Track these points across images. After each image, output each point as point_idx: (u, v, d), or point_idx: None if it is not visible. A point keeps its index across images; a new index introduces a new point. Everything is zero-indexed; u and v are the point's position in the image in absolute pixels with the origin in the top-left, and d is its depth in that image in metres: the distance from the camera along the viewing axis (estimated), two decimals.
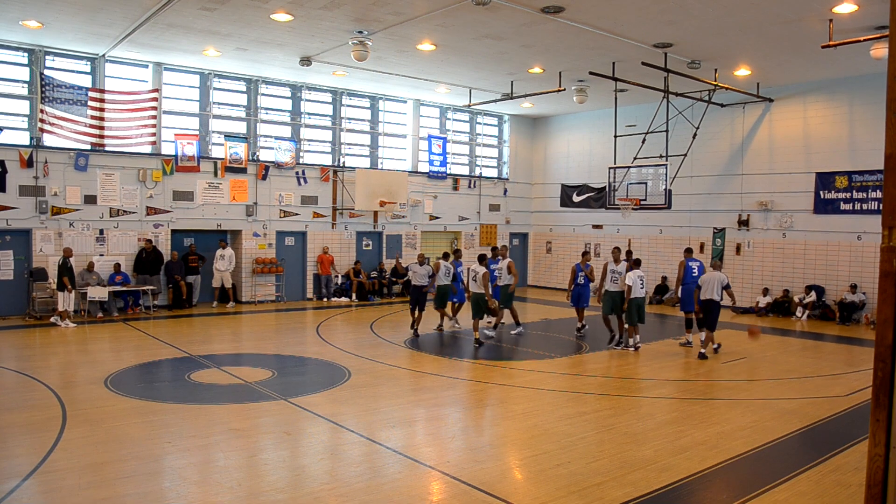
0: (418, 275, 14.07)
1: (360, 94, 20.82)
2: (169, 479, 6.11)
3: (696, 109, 18.48)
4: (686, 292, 13.08)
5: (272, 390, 9.18)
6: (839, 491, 6.04)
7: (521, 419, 8.18)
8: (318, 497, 5.68)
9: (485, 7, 11.72)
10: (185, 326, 15.00)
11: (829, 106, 17.54)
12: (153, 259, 16.75)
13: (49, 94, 15.18)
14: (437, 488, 5.99)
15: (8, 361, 10.85)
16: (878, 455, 2.46)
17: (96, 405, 8.37)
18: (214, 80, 18.07)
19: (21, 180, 15.31)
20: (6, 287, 15.38)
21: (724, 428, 7.90)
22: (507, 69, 16.80)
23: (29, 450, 6.66)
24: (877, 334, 2.50)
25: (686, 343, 13.28)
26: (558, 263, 24.30)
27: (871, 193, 16.63)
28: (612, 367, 11.41)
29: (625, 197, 17.03)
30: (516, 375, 10.66)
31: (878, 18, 12.02)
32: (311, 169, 19.78)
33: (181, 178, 17.48)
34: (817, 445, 7.37)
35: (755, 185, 18.98)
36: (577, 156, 23.75)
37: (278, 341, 13.32)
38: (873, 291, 16.08)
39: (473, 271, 13.15)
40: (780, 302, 18.08)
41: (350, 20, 12.97)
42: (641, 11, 12.04)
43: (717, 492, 6.10)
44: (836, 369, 11.51)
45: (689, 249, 13.77)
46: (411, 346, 12.89)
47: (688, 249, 13.76)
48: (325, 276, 19.64)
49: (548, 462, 6.61)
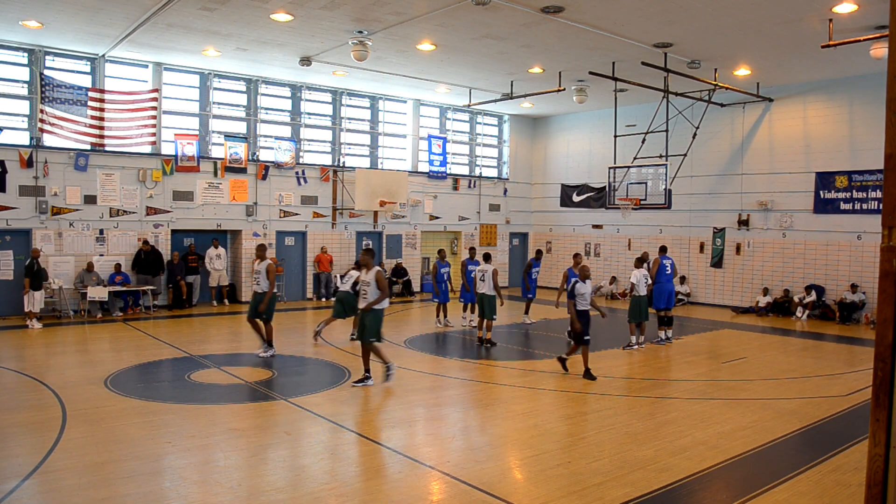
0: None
1: (360, 94, 20.82)
2: (169, 479, 6.10)
3: (695, 109, 18.48)
4: (658, 290, 13.40)
5: (272, 390, 9.17)
6: (839, 491, 6.04)
7: (521, 419, 8.18)
8: (318, 497, 5.68)
9: (485, 7, 11.72)
10: (184, 326, 14.99)
11: (829, 106, 17.54)
12: (153, 259, 16.74)
13: (49, 94, 15.18)
14: (437, 488, 5.99)
15: (8, 361, 10.85)
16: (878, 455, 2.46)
17: (96, 405, 8.36)
18: (214, 80, 18.07)
19: (21, 180, 15.31)
20: (6, 287, 15.37)
21: (724, 428, 7.90)
22: (506, 69, 16.80)
23: (29, 450, 6.66)
24: (877, 334, 2.50)
25: (665, 340, 13.50)
26: (558, 263, 24.29)
27: (871, 193, 16.63)
28: (612, 367, 11.40)
29: (625, 197, 17.04)
30: (516, 375, 10.66)
31: (878, 18, 12.02)
32: (311, 169, 19.78)
33: (181, 178, 17.48)
34: (817, 445, 7.37)
35: (755, 185, 18.98)
36: (577, 156, 23.75)
37: (278, 341, 13.30)
38: (873, 291, 16.08)
39: (481, 271, 13.13)
40: (780, 302, 18.07)
41: (350, 20, 12.97)
42: (641, 11, 12.04)
43: (717, 492, 6.10)
44: (835, 369, 11.50)
45: (664, 248, 14.15)
46: (410, 346, 12.88)
47: (662, 248, 14.13)
48: (324, 273, 19.64)
49: (548, 462, 6.61)
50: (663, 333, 13.57)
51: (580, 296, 10.44)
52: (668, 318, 13.58)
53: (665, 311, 13.43)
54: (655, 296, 13.36)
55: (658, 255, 13.79)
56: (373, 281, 9.50)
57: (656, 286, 13.36)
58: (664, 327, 13.61)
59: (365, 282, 9.59)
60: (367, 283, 9.54)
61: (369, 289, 9.49)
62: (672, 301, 13.58)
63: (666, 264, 13.51)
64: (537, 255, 16.62)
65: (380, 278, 9.55)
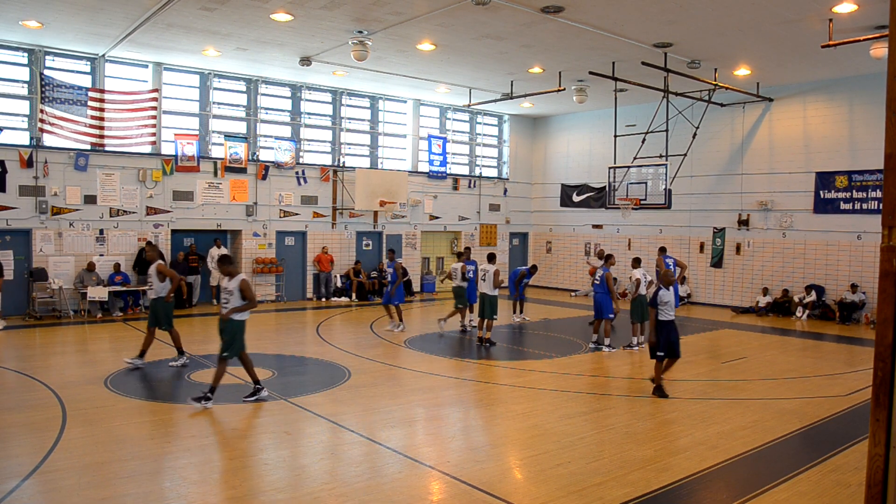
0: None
1: (360, 94, 20.82)
2: (169, 479, 6.10)
3: (695, 109, 18.48)
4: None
5: (272, 390, 9.17)
6: (839, 491, 6.04)
7: (521, 419, 8.18)
8: (318, 497, 5.68)
9: (485, 7, 11.72)
10: (185, 326, 14.96)
11: (829, 106, 17.54)
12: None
13: (49, 94, 15.18)
14: (437, 488, 5.99)
15: (8, 361, 10.85)
16: (878, 455, 2.46)
17: (96, 405, 8.36)
18: (214, 80, 18.07)
19: (21, 180, 15.31)
20: (6, 287, 15.33)
21: (724, 428, 7.90)
22: (507, 69, 16.80)
23: (29, 450, 6.66)
24: (877, 334, 2.50)
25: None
26: (559, 264, 24.30)
27: (871, 193, 16.63)
28: (612, 367, 11.41)
29: (625, 197, 17.04)
30: (516, 375, 10.66)
31: (878, 18, 12.02)
32: (311, 169, 19.77)
33: (181, 178, 17.48)
34: (817, 445, 7.37)
35: (755, 185, 18.98)
36: (577, 156, 23.75)
37: (278, 341, 13.31)
38: (873, 291, 16.07)
39: (483, 271, 13.12)
40: (780, 302, 18.07)
41: (350, 20, 12.96)
42: (641, 11, 12.04)
43: (717, 492, 6.10)
44: (835, 369, 11.50)
45: (663, 248, 14.21)
46: (410, 346, 12.89)
47: (661, 248, 14.18)
48: (324, 272, 19.65)
49: (548, 462, 6.61)
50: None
51: (664, 304, 9.29)
52: None
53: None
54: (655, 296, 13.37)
55: (658, 255, 13.82)
56: (236, 289, 8.46)
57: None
58: None
59: (227, 290, 8.51)
60: (230, 291, 8.46)
61: (232, 297, 8.46)
62: (676, 301, 13.50)
63: (669, 263, 13.56)
64: (532, 269, 16.82)
65: (245, 287, 8.49)
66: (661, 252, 13.94)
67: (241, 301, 8.49)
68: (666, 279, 9.62)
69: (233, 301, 8.48)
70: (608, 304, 12.75)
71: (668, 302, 9.32)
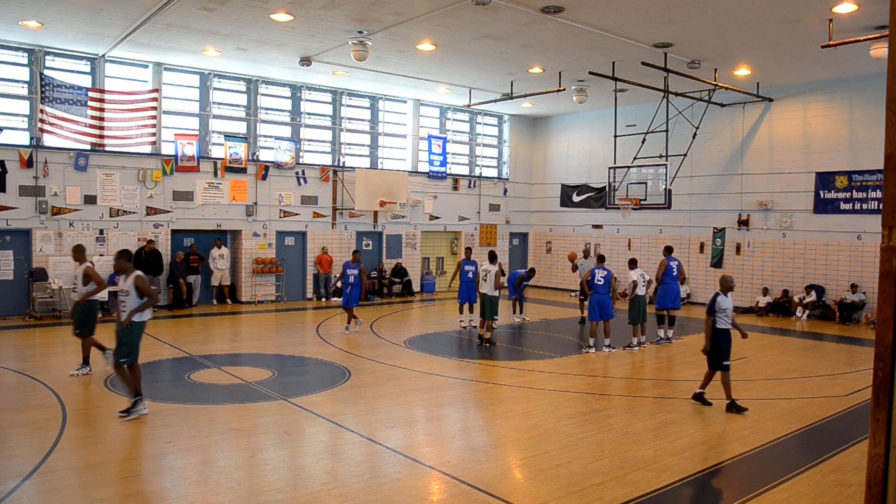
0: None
1: (360, 94, 20.82)
2: (169, 479, 6.10)
3: (695, 109, 18.48)
4: (664, 290, 13.44)
5: (272, 390, 9.17)
6: (839, 491, 6.04)
7: (521, 419, 8.18)
8: (318, 497, 5.68)
9: (485, 7, 11.72)
10: (185, 326, 14.99)
11: (829, 106, 17.53)
12: (153, 259, 16.73)
13: (49, 94, 15.18)
14: (437, 488, 5.99)
15: (8, 361, 10.85)
16: (878, 455, 2.46)
17: (96, 405, 8.36)
18: (214, 80, 18.07)
19: (21, 180, 15.30)
20: (6, 287, 15.37)
21: (724, 428, 7.90)
22: (506, 69, 16.79)
23: (29, 450, 6.66)
24: (877, 334, 2.50)
25: (665, 339, 13.61)
26: (558, 263, 24.28)
27: (871, 193, 16.63)
28: (612, 367, 11.41)
29: (625, 197, 17.04)
30: (516, 375, 10.66)
31: (878, 18, 12.02)
32: (310, 169, 19.77)
33: (181, 178, 17.48)
34: (817, 445, 7.37)
35: (755, 185, 18.98)
36: (577, 156, 23.75)
37: (278, 341, 13.31)
38: (873, 291, 16.07)
39: (485, 271, 13.11)
40: (780, 302, 18.07)
41: (350, 20, 12.96)
42: (641, 11, 12.04)
43: (717, 492, 6.10)
44: (835, 369, 11.50)
45: (669, 248, 14.06)
46: (410, 346, 12.89)
47: (667, 248, 14.05)
48: (324, 274, 19.64)
49: (548, 462, 6.61)
50: (662, 332, 13.64)
51: (721, 311, 8.76)
52: (671, 317, 13.64)
53: (670, 310, 13.52)
54: (662, 295, 13.42)
55: (664, 255, 13.77)
56: (132, 287, 7.98)
57: (662, 286, 13.43)
58: (663, 325, 13.66)
59: (123, 290, 8.03)
60: (126, 290, 7.99)
61: (128, 298, 7.96)
62: (678, 302, 13.59)
63: (672, 265, 13.54)
64: (531, 273, 16.88)
65: (141, 283, 7.96)
66: (668, 252, 13.82)
67: (138, 299, 8.00)
68: (726, 285, 8.99)
69: (130, 301, 7.97)
70: (611, 305, 12.86)
71: (726, 309, 8.78)
